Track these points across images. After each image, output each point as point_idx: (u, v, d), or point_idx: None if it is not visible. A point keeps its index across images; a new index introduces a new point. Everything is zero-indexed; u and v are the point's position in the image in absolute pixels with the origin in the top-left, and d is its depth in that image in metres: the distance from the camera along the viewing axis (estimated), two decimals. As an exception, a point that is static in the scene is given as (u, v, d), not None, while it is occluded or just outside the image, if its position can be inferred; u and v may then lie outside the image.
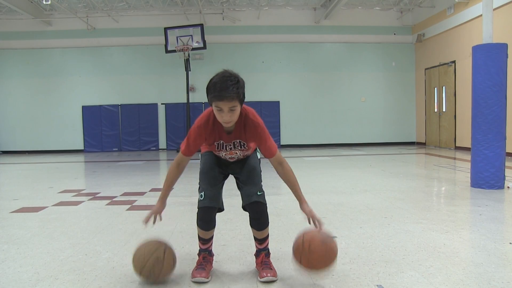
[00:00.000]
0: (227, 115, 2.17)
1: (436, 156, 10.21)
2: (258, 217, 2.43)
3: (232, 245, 3.07)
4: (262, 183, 2.49)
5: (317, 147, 14.24)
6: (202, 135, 2.34)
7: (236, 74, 2.19)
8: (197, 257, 2.54)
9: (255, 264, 2.57)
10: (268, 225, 2.47)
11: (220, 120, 2.23)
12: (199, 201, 2.40)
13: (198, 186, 2.47)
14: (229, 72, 2.18)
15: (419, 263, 2.58)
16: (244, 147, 2.41)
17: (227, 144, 2.38)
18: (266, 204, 2.43)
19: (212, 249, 2.58)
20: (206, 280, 2.37)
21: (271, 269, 2.42)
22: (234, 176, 2.55)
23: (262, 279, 2.36)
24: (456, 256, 2.71)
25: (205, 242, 2.51)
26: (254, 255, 2.58)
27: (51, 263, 2.70)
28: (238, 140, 2.37)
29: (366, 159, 9.79)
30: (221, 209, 2.48)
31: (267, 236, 2.51)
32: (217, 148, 2.41)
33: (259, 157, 2.60)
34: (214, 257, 2.59)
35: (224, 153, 2.43)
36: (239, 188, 2.50)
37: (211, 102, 2.19)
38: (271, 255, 2.53)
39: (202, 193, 2.39)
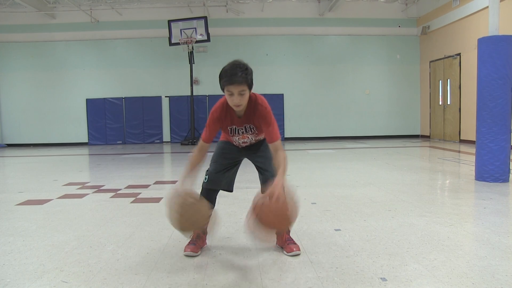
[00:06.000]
0: (237, 98, 2.43)
1: (440, 149, 10.17)
2: None
3: (236, 237, 3.08)
4: None
5: (321, 140, 14.22)
6: (218, 120, 2.59)
7: (245, 63, 2.46)
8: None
9: (276, 241, 2.77)
10: None
11: (231, 104, 2.47)
12: (203, 182, 2.75)
13: (208, 168, 2.78)
14: (239, 61, 2.45)
15: (423, 256, 2.58)
16: (254, 130, 2.66)
17: (239, 128, 2.64)
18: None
19: (207, 228, 2.76)
20: (195, 254, 2.66)
21: (295, 243, 2.70)
22: (253, 162, 2.81)
23: (290, 254, 2.63)
24: (460, 249, 2.71)
25: None
26: (275, 233, 2.72)
27: (56, 255, 2.72)
28: (248, 125, 2.63)
29: (370, 152, 9.77)
30: (230, 190, 2.83)
31: None
32: (231, 133, 2.68)
33: None
34: (219, 248, 2.64)
35: (237, 138, 2.70)
36: (259, 172, 2.76)
37: (223, 87, 2.45)
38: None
39: (207, 176, 2.74)
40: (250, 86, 2.46)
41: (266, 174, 2.66)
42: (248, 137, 2.70)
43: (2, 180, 6.66)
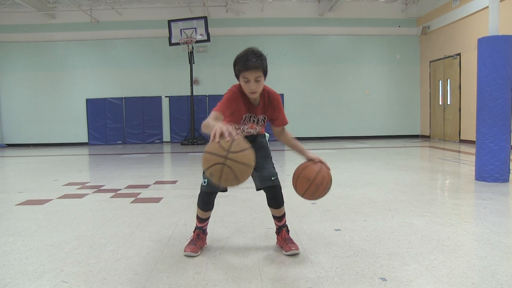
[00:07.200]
0: (253, 85, 2.39)
1: (440, 149, 10.17)
2: (275, 197, 2.69)
3: (236, 237, 3.08)
4: (274, 165, 2.73)
5: (321, 140, 14.22)
6: (237, 101, 2.47)
7: (259, 50, 2.43)
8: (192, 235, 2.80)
9: (276, 241, 2.82)
10: (284, 203, 2.72)
11: (247, 90, 2.43)
12: (202, 185, 2.66)
13: (203, 171, 2.55)
14: (253, 48, 2.43)
15: (423, 256, 2.58)
16: (264, 122, 2.64)
17: (254, 116, 2.58)
18: (280, 185, 2.68)
19: (207, 229, 2.84)
20: (195, 254, 2.65)
21: (294, 243, 2.69)
22: None
23: (288, 253, 2.62)
24: (460, 249, 2.71)
25: (202, 221, 2.78)
26: (275, 232, 2.82)
27: (56, 255, 2.72)
28: (262, 115, 2.60)
29: (370, 152, 9.77)
30: (225, 190, 2.69)
31: (284, 213, 2.77)
32: (244, 121, 2.58)
33: (267, 140, 2.83)
34: (219, 249, 2.65)
35: (247, 127, 2.63)
36: (254, 170, 2.54)
37: (239, 73, 2.41)
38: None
39: (206, 180, 2.63)
40: (265, 72, 2.43)
41: (264, 172, 2.62)
42: (256, 128, 2.65)
43: (2, 180, 6.66)
